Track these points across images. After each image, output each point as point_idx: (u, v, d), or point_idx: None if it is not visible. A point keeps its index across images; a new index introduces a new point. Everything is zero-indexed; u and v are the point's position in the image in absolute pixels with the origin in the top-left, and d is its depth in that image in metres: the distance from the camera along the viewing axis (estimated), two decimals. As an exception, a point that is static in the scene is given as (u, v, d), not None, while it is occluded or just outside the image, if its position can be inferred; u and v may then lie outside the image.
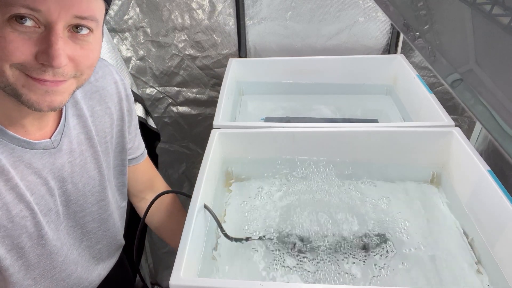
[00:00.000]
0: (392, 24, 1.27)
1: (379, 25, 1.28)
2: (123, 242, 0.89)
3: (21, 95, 0.54)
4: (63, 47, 0.52)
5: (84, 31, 0.55)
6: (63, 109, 0.67)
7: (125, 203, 0.87)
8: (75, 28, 0.54)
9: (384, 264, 0.76)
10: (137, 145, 0.86)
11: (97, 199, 0.75)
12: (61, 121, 0.66)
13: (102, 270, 0.83)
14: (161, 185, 0.95)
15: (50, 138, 0.65)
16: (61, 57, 0.52)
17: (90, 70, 0.60)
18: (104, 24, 1.17)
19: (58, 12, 0.51)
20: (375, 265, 0.76)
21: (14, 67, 0.52)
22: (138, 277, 1.05)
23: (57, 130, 0.65)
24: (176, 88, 1.46)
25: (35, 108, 0.55)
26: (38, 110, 0.55)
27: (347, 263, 0.76)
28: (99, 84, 0.73)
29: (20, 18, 0.50)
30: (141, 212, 0.94)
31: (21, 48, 0.51)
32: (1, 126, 0.59)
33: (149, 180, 0.93)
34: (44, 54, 0.51)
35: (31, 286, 0.68)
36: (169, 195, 0.94)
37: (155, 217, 0.94)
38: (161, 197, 0.86)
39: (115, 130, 0.77)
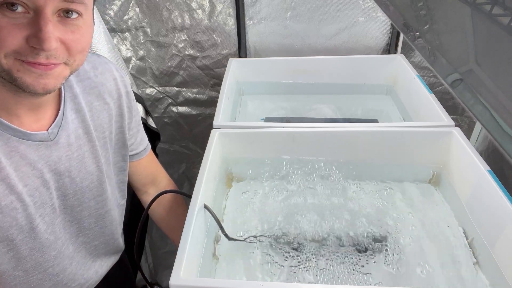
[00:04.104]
0: (392, 24, 1.27)
1: (379, 25, 1.28)
2: (121, 242, 0.89)
3: (16, 78, 0.55)
4: (52, 30, 0.54)
5: (74, 15, 0.57)
6: (61, 102, 0.67)
7: (124, 201, 0.87)
8: (65, 12, 0.56)
9: (384, 264, 0.76)
10: (139, 140, 0.86)
11: (95, 195, 0.75)
12: (59, 114, 0.67)
13: (99, 268, 0.83)
14: (164, 179, 0.96)
15: (47, 130, 0.65)
16: (51, 40, 0.53)
17: (83, 56, 0.61)
18: (104, 24, 1.18)
19: None
20: (374, 265, 0.76)
21: (9, 56, 0.54)
22: (138, 277, 1.05)
23: (54, 123, 0.66)
24: (176, 88, 1.46)
25: (31, 90, 0.56)
26: (34, 92, 0.57)
27: (347, 263, 0.76)
28: (98, 80, 0.74)
29: (11, 5, 0.52)
30: (145, 205, 0.95)
31: (13, 32, 0.52)
32: None
33: (151, 175, 0.93)
34: (35, 38, 0.53)
35: (21, 277, 0.68)
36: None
37: (157, 212, 0.95)
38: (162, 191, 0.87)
39: (114, 126, 0.77)
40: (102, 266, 0.84)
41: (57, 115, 0.67)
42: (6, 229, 0.62)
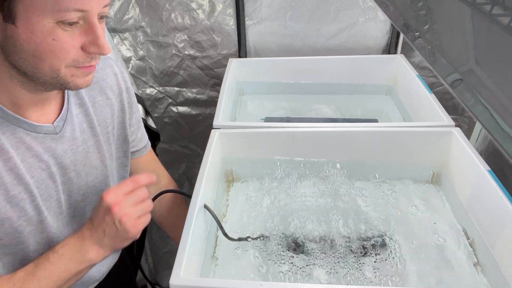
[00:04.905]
0: (392, 24, 1.27)
1: (379, 25, 1.28)
2: None
3: (69, 83, 0.59)
4: (103, 35, 0.58)
5: (104, 16, 0.60)
6: (65, 97, 0.68)
7: None
8: (99, 15, 0.60)
9: (384, 264, 0.76)
10: (140, 137, 0.87)
11: (99, 190, 0.75)
12: (64, 108, 0.68)
13: (101, 266, 0.83)
14: (164, 178, 0.96)
15: (52, 123, 0.66)
16: (106, 44, 0.58)
17: None
18: (104, 24, 1.18)
19: (96, 7, 0.56)
20: (374, 265, 0.76)
21: (68, 66, 0.57)
22: (138, 277, 1.05)
23: (59, 116, 0.67)
24: (176, 88, 1.46)
25: (78, 88, 0.61)
26: (79, 89, 0.62)
27: (347, 263, 0.76)
28: (99, 75, 0.75)
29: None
30: None
31: (73, 44, 0.56)
32: (3, 107, 0.60)
33: (152, 173, 0.93)
34: (94, 45, 0.57)
35: None
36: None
37: (157, 210, 0.95)
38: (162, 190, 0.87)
39: (116, 121, 0.78)
40: (103, 265, 0.84)
41: (61, 109, 0.68)
42: (15, 220, 0.62)
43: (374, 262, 0.76)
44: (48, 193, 0.66)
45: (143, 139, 0.88)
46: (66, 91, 0.69)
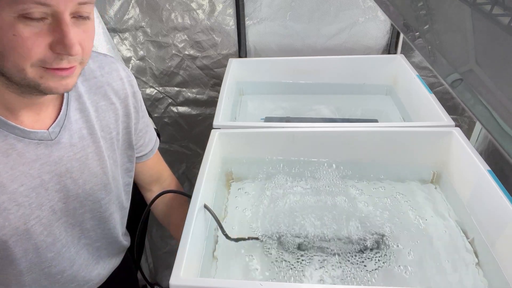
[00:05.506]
0: (392, 24, 1.27)
1: (379, 25, 1.28)
2: (125, 243, 0.89)
3: (40, 84, 0.56)
4: (74, 35, 0.54)
5: (84, 15, 0.57)
6: (63, 102, 0.67)
7: (128, 204, 0.86)
8: (77, 14, 0.56)
9: (383, 264, 0.76)
10: (147, 142, 0.85)
11: (99, 197, 0.74)
12: (61, 113, 0.66)
13: (102, 270, 0.83)
14: (168, 177, 0.96)
15: (47, 129, 0.64)
16: (76, 45, 0.54)
17: (90, 55, 0.62)
18: (104, 24, 1.18)
19: (64, 3, 0.52)
20: (374, 264, 0.76)
21: (34, 65, 0.54)
22: (138, 277, 1.05)
23: (55, 122, 0.65)
24: (176, 88, 1.46)
25: (53, 92, 0.58)
26: (56, 93, 0.59)
27: (347, 263, 0.76)
28: (105, 79, 0.73)
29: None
30: (148, 202, 0.95)
31: (37, 42, 0.52)
32: None
33: (156, 174, 0.93)
34: (60, 45, 0.53)
35: (16, 276, 0.68)
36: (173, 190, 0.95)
37: (159, 209, 0.95)
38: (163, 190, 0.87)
39: (121, 126, 0.76)
40: (104, 268, 0.83)
41: (59, 114, 0.66)
42: None
43: (374, 262, 0.76)
44: (38, 202, 0.65)
45: (150, 142, 0.87)
46: (65, 95, 0.67)
